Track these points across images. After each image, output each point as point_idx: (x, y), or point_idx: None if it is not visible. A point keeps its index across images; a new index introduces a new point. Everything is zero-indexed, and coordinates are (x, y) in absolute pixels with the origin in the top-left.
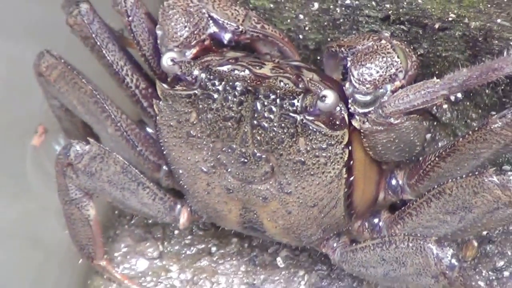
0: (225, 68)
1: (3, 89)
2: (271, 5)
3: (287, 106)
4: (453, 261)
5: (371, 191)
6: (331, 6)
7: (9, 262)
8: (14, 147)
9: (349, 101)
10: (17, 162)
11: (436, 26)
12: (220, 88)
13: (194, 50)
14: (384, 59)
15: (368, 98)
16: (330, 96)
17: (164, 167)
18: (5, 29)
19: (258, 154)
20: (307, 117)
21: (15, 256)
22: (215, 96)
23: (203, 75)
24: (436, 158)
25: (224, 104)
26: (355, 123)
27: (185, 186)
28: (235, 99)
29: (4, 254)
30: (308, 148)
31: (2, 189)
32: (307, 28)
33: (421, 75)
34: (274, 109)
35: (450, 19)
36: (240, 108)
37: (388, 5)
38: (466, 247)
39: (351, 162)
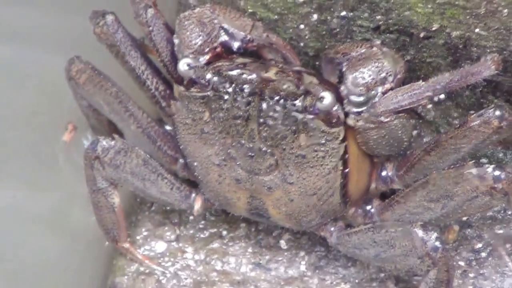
0: (234, 72)
1: (38, 91)
2: (276, 17)
3: (290, 106)
4: (437, 243)
5: (364, 181)
6: (328, 17)
7: (43, 244)
8: (48, 142)
9: (345, 101)
10: (51, 156)
11: (421, 35)
12: (230, 90)
13: (207, 56)
14: (375, 64)
15: (361, 99)
16: (327, 97)
17: (181, 160)
18: (40, 39)
19: (264, 149)
20: (307, 116)
21: (48, 239)
22: (226, 97)
23: (215, 79)
24: (422, 152)
25: (233, 104)
26: (349, 121)
27: (199, 177)
28: (243, 100)
29: (38, 237)
30: (308, 144)
31: (37, 179)
32: (307, 37)
33: (408, 78)
34: (278, 108)
35: (433, 29)
36: (247, 108)
37: (379, 17)
38: (448, 231)
39: (346, 156)
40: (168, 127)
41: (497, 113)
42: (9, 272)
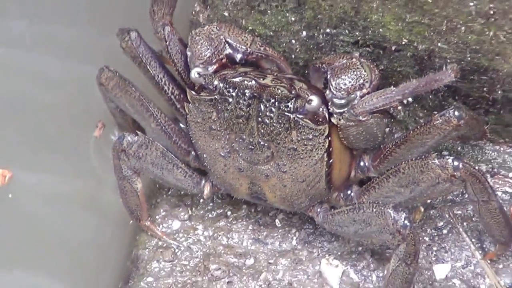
0: (237, 79)
1: (74, 95)
2: (271, 33)
3: (283, 108)
4: (406, 222)
5: (345, 170)
6: (316, 34)
7: (79, 222)
8: (81, 137)
9: (329, 104)
10: (84, 149)
11: (393, 48)
12: (233, 94)
13: (214, 66)
14: (355, 73)
15: (343, 101)
16: (315, 100)
17: (192, 153)
18: (77, 52)
19: (261, 143)
20: (298, 115)
21: (83, 218)
22: (230, 100)
23: (221, 85)
24: (393, 146)
25: (236, 106)
26: (333, 120)
27: (207, 167)
28: (244, 102)
29: (75, 216)
30: (299, 138)
31: (74, 168)
32: (297, 50)
33: (382, 84)
34: (273, 109)
35: (403, 43)
36: (248, 109)
37: (357, 33)
38: (415, 212)
39: (330, 149)
40: (182, 125)
41: (456, 113)
42: (51, 246)
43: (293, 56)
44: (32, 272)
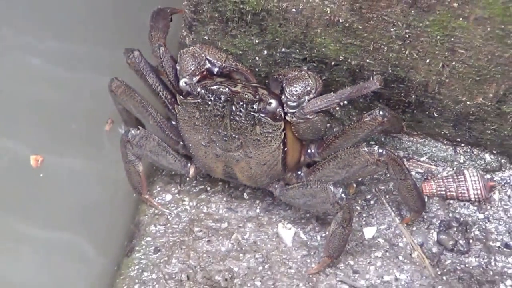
0: (214, 87)
1: (91, 99)
2: (240, 52)
3: (250, 108)
4: (342, 195)
5: (296, 156)
6: (274, 52)
7: (94, 196)
8: (96, 131)
9: (284, 105)
10: (98, 139)
11: (332, 63)
12: (212, 98)
13: (197, 77)
14: (304, 82)
15: (295, 104)
16: (274, 103)
17: (181, 143)
18: (92, 66)
19: (233, 135)
20: (261, 114)
21: (97, 192)
22: (209, 103)
23: (202, 91)
24: (333, 137)
25: (214, 107)
26: (287, 118)
27: (192, 153)
28: (220, 104)
29: (91, 191)
30: (261, 132)
31: (90, 154)
32: (260, 65)
33: (324, 91)
34: (242, 110)
35: (340, 59)
36: (223, 109)
37: (305, 52)
38: (349, 187)
39: (285, 140)
40: (173, 122)
41: (381, 113)
42: (74, 212)
43: (257, 69)
44: (59, 232)
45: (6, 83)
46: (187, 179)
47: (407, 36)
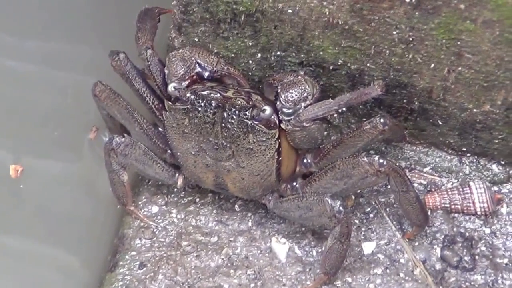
0: (205, 92)
1: (74, 104)
2: (233, 55)
3: (242, 115)
4: (340, 208)
5: (291, 166)
6: (268, 56)
7: (76, 207)
8: (79, 139)
9: (279, 112)
10: (81, 148)
11: (331, 67)
12: (202, 104)
13: (187, 82)
14: (300, 87)
15: (290, 111)
16: (268, 110)
17: (169, 151)
18: (77, 69)
19: (224, 144)
20: (254, 122)
21: (80, 203)
22: (199, 109)
23: (192, 97)
24: (330, 146)
25: (204, 114)
26: (282, 126)
27: (181, 162)
28: (211, 111)
29: (73, 202)
30: (255, 140)
31: (73, 164)
32: (253, 69)
33: (322, 97)
34: (234, 117)
35: (339, 63)
36: (214, 116)
37: (302, 55)
38: (347, 199)
39: (280, 149)
40: (160, 129)
41: (382, 120)
42: (55, 224)
43: (250, 73)
44: (40, 244)
45: None
46: (175, 189)
47: (410, 39)
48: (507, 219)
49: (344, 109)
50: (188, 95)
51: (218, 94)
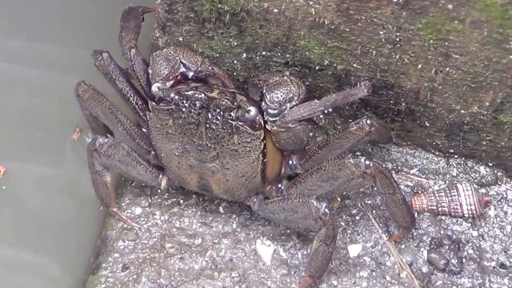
0: (189, 92)
1: (56, 104)
2: (217, 55)
3: (227, 116)
4: (326, 210)
5: (277, 168)
6: (253, 56)
7: (59, 209)
8: (62, 140)
9: (264, 113)
10: (64, 149)
11: (317, 68)
12: (186, 105)
13: (171, 82)
14: (285, 88)
15: (275, 112)
16: (253, 111)
17: (152, 152)
18: (60, 68)
19: (209, 145)
20: (239, 123)
21: (62, 205)
22: (183, 109)
23: (176, 97)
24: (316, 148)
25: (189, 114)
26: (267, 127)
27: (164, 164)
28: (195, 111)
29: (55, 204)
30: (239, 142)
31: (55, 165)
32: (238, 69)
33: (308, 97)
34: (219, 118)
35: (325, 63)
36: (198, 117)
37: (287, 55)
38: (333, 201)
39: (265, 150)
40: (144, 130)
41: (368, 121)
42: (37, 226)
43: (235, 74)
44: (21, 247)
45: None
46: (159, 191)
47: (397, 39)
48: (494, 221)
49: (330, 110)
50: (172, 95)
51: (203, 95)
